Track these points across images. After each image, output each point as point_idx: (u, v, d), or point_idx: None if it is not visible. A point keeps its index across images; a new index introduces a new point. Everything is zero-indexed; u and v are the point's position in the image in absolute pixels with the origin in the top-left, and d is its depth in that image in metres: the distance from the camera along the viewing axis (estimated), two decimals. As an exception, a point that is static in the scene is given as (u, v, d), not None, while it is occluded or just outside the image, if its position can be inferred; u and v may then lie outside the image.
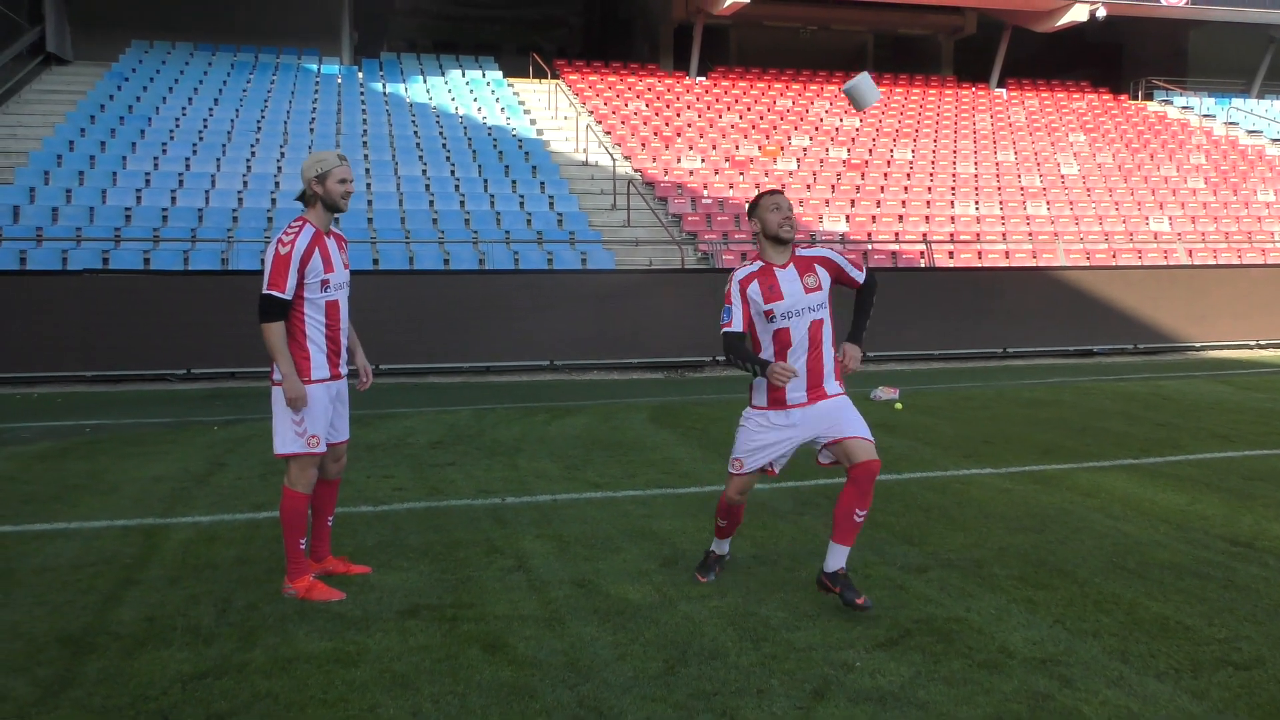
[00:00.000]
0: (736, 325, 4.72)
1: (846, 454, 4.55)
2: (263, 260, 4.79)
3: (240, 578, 5.14)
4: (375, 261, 16.18)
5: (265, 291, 4.71)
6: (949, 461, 8.11)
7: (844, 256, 4.87)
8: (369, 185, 18.93)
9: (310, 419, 4.80)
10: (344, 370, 5.01)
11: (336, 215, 5.01)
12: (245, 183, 18.64)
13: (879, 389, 11.95)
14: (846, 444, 4.55)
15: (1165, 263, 19.88)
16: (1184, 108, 30.28)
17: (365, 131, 21.67)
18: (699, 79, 27.80)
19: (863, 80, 5.18)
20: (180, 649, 4.20)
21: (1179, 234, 21.39)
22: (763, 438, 4.74)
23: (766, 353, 4.73)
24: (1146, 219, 21.98)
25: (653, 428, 9.89)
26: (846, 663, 4.01)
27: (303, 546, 4.89)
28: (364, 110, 22.89)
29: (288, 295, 4.73)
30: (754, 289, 4.69)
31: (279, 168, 19.45)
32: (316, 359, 4.83)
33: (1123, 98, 30.80)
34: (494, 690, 3.79)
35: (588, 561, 5.40)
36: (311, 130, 21.33)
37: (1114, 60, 33.98)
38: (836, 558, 4.56)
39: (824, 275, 4.71)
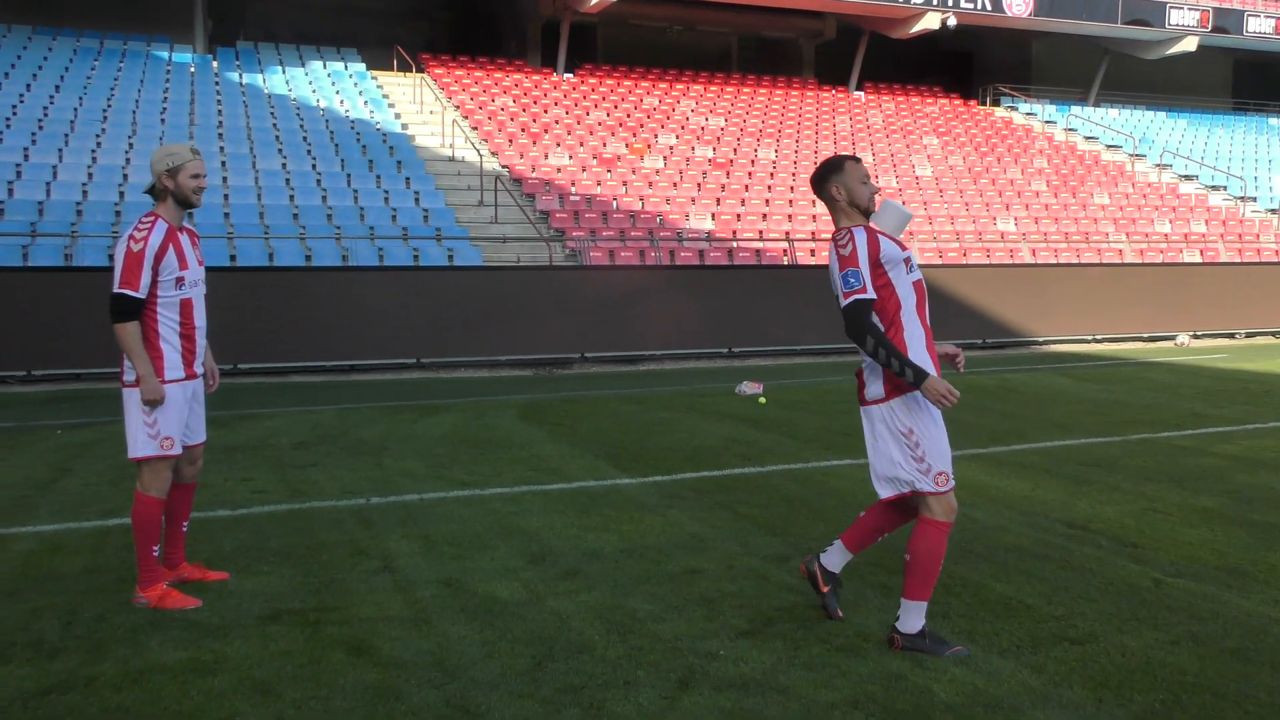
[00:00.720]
0: (870, 291, 3.89)
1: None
2: (113, 258, 4.59)
3: (88, 588, 4.92)
4: (233, 258, 15.64)
5: (117, 290, 4.53)
6: (811, 454, 8.35)
7: None
8: (225, 179, 18.27)
9: (164, 421, 4.64)
10: (199, 370, 4.86)
11: (189, 210, 4.84)
12: (90, 175, 17.76)
13: (744, 384, 12.28)
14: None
15: (1011, 261, 20.86)
16: (1028, 114, 31.81)
17: (221, 123, 20.92)
18: (566, 76, 27.78)
19: (889, 208, 4.34)
20: (22, 665, 4.00)
21: (1023, 234, 22.48)
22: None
23: (911, 339, 4.00)
24: (994, 219, 23.02)
25: (522, 425, 9.87)
26: (711, 652, 4.10)
27: (156, 554, 4.72)
28: (219, 101, 22.08)
29: (141, 294, 4.56)
30: (887, 248, 3.95)
31: (127, 159, 18.59)
32: (170, 359, 4.67)
33: (972, 103, 32.16)
34: (359, 693, 3.74)
35: (455, 560, 5.37)
36: (163, 121, 20.46)
37: (965, 67, 35.44)
38: (838, 557, 4.44)
39: None
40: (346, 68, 25.71)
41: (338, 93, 23.98)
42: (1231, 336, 20.33)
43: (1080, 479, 7.26)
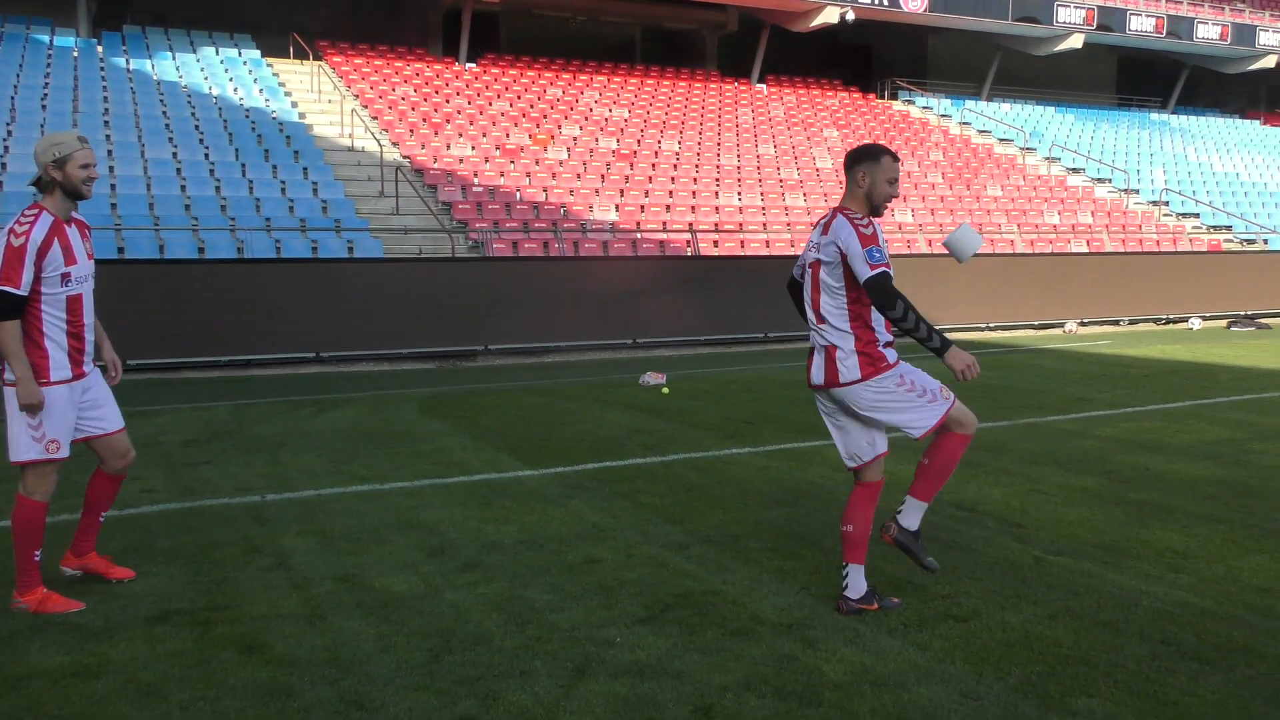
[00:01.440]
0: (890, 267, 4.20)
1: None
2: None
3: (-38, 594, 4.73)
4: (121, 250, 15.12)
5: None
6: (712, 442, 8.45)
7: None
8: (112, 168, 17.63)
9: (50, 423, 4.46)
10: (88, 367, 4.66)
11: (77, 202, 4.65)
12: (-34, 163, 16.97)
13: (647, 374, 12.35)
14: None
15: (908, 252, 21.36)
16: (924, 107, 32.57)
17: (107, 110, 20.17)
18: (469, 65, 27.49)
19: (964, 233, 4.51)
20: (-110, 675, 3.83)
21: (920, 225, 23.03)
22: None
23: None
24: (893, 211, 23.50)
25: (424, 419, 9.78)
26: (608, 640, 4.13)
27: (37, 558, 4.55)
28: (105, 87, 21.28)
29: (22, 291, 4.33)
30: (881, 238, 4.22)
31: (5, 148, 17.81)
32: (57, 358, 4.47)
33: (871, 97, 32.80)
34: (249, 692, 3.67)
35: (352, 556, 5.31)
36: (44, 108, 19.64)
37: (864, 61, 36.12)
38: (914, 514, 4.58)
39: None
40: (241, 54, 25.02)
41: (231, 80, 23.33)
42: (1116, 324, 21.17)
43: (970, 463, 7.47)
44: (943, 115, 32.01)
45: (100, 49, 23.35)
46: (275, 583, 4.89)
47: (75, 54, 22.81)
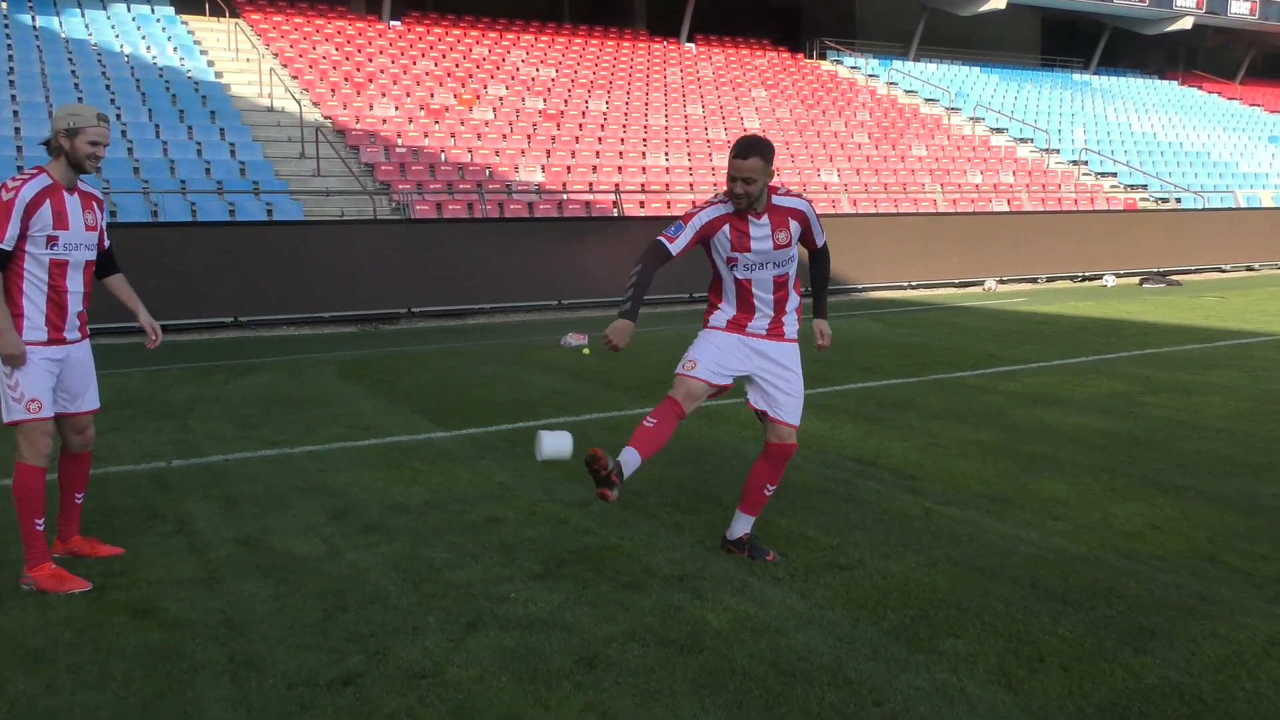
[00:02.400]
0: (676, 248, 4.49)
1: (772, 429, 4.59)
2: None
3: None
4: (28, 214, 14.69)
5: None
6: (628, 402, 8.55)
7: (815, 214, 4.63)
8: (18, 129, 17.10)
9: (25, 382, 4.35)
10: (73, 336, 4.53)
11: (81, 174, 4.51)
12: None
13: (569, 335, 12.40)
14: (773, 423, 4.57)
15: (833, 211, 21.59)
16: (852, 68, 32.78)
17: (12, 70, 19.47)
18: (393, 23, 27.01)
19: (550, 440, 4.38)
20: None
21: (845, 185, 23.27)
22: (722, 346, 4.58)
23: (726, 291, 4.65)
24: (818, 170, 23.73)
25: (340, 382, 9.74)
26: (502, 595, 4.23)
27: (40, 527, 4.42)
28: (9, 45, 20.54)
29: (5, 245, 4.25)
30: (722, 233, 4.48)
31: (-95, 108, 17.15)
32: (33, 318, 4.37)
33: (800, 57, 32.90)
34: (139, 654, 3.70)
35: (255, 520, 5.32)
36: (-55, 66, 18.94)
37: (793, 21, 36.18)
38: (741, 525, 4.67)
39: (795, 229, 4.50)
40: (154, 11, 24.28)
41: (144, 38, 22.65)
42: (1034, 281, 21.66)
43: (875, 418, 7.70)
44: (870, 75, 32.24)
45: (4, 5, 22.50)
46: (174, 548, 4.89)
47: (-22, 10, 21.97)
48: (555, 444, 4.31)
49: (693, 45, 31.02)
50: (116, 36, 22.31)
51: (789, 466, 6.21)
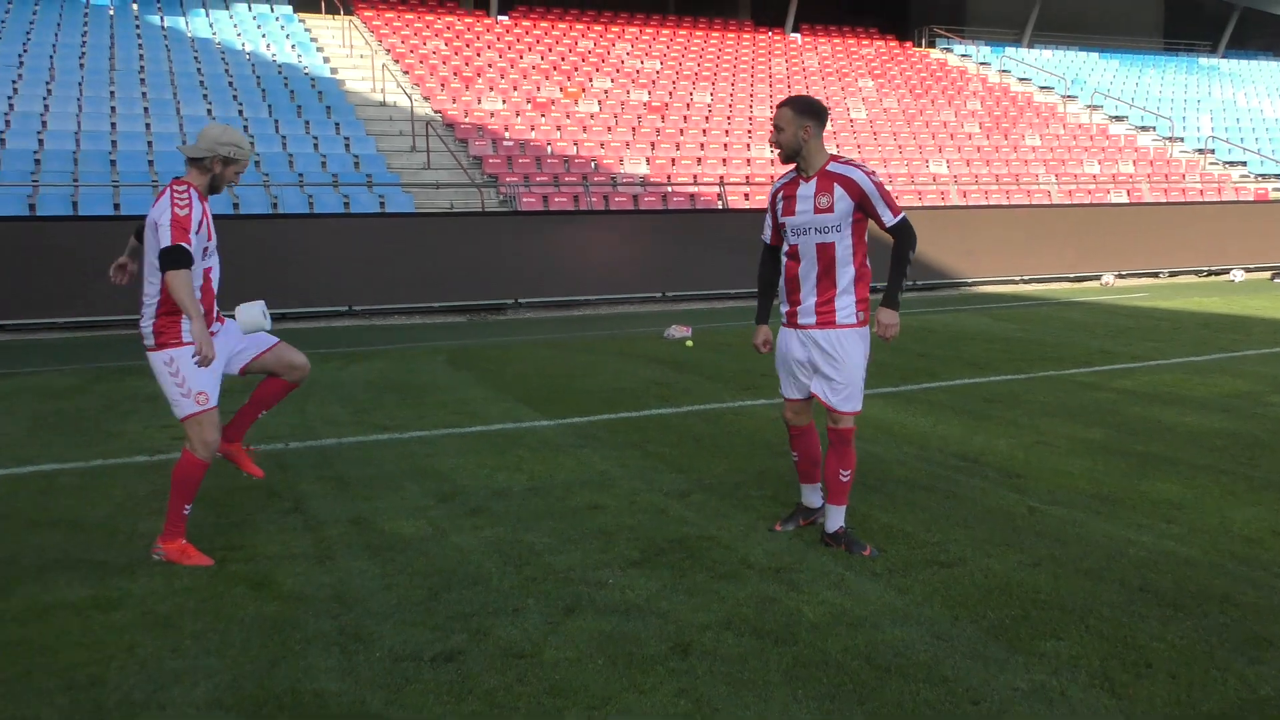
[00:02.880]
0: (767, 234, 4.85)
1: (827, 413, 4.66)
2: (154, 222, 4.48)
3: (1, 533, 5.01)
4: (157, 206, 15.40)
5: (172, 243, 4.40)
6: (728, 395, 8.56)
7: (877, 188, 4.51)
8: (148, 125, 17.93)
9: (192, 378, 4.57)
10: (215, 326, 4.73)
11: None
12: (7, 122, 17.30)
13: (672, 327, 12.46)
14: (824, 407, 4.66)
15: (941, 203, 21.18)
16: (963, 55, 32.04)
17: (143, 68, 20.43)
18: (500, 18, 27.44)
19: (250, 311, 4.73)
20: (-73, 607, 4.09)
21: (954, 176, 22.79)
22: (787, 355, 4.74)
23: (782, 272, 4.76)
24: (926, 162, 23.29)
25: (449, 370, 9.98)
26: (600, 581, 4.30)
27: (186, 512, 4.65)
28: (140, 46, 21.54)
29: (194, 249, 4.50)
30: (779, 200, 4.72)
31: (45, 106, 18.12)
32: (188, 322, 4.56)
33: (908, 45, 32.32)
34: (256, 624, 3.89)
35: (366, 500, 5.52)
36: (82, 66, 19.94)
37: (901, 8, 35.55)
38: (833, 518, 4.67)
39: (842, 197, 4.46)
40: (273, 10, 25.17)
41: (264, 36, 23.50)
42: (1155, 276, 20.91)
43: (980, 414, 7.56)
44: (981, 63, 31.47)
45: (135, 6, 23.60)
46: (290, 525, 5.11)
47: (111, 12, 23.08)
48: (249, 317, 4.66)
49: (798, 35, 30.74)
50: (238, 35, 23.19)
51: (890, 462, 6.20)
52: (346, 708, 3.26)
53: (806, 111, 4.48)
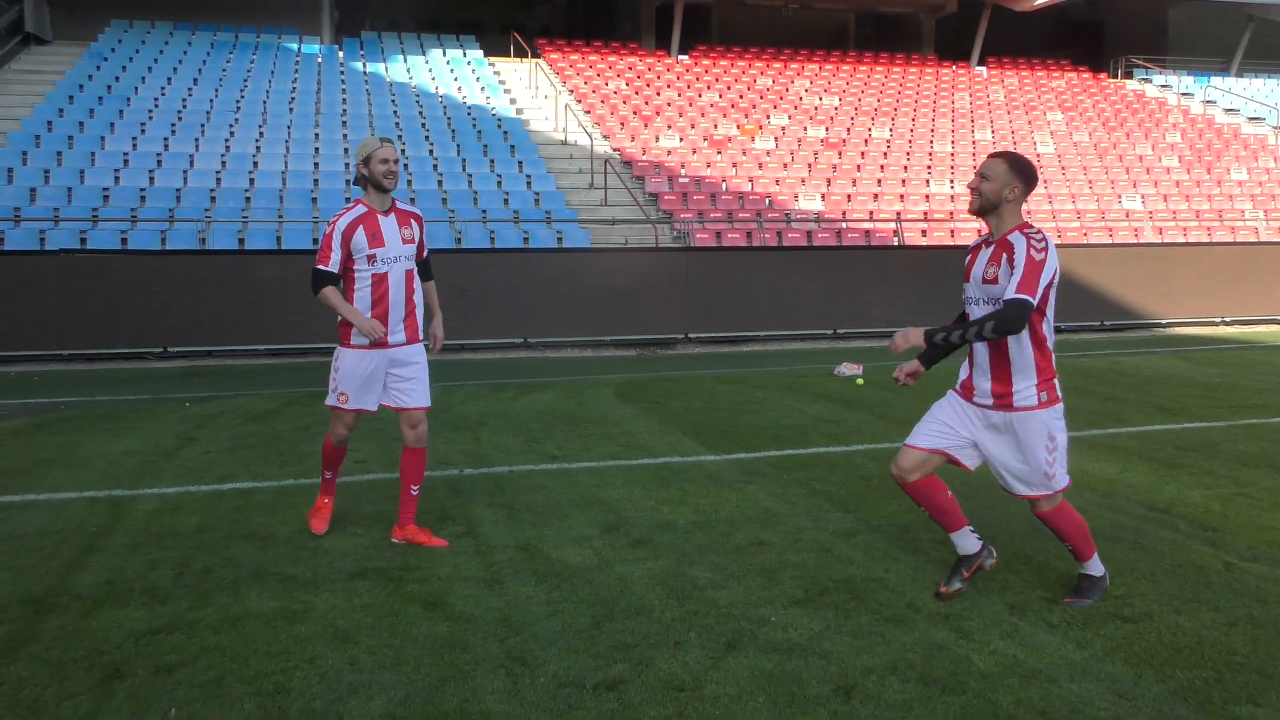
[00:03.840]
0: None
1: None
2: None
3: (200, 544, 5.38)
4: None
5: (314, 266, 5.16)
6: (899, 434, 8.30)
7: (1027, 259, 4.07)
8: (347, 165, 19.07)
9: (343, 378, 5.26)
10: (396, 339, 5.25)
11: (388, 192, 5.25)
12: (224, 163, 18.75)
13: (843, 365, 12.28)
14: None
15: (1135, 240, 20.14)
16: (1163, 86, 30.48)
17: (345, 111, 21.77)
18: (680, 58, 27.90)
19: None
20: (136, 609, 4.43)
21: (1150, 212, 21.64)
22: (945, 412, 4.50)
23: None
24: (1119, 197, 22.23)
25: (617, 403, 10.13)
26: (762, 618, 4.26)
27: (328, 477, 5.55)
28: (344, 90, 22.97)
29: (331, 268, 5.14)
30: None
31: (257, 147, 19.56)
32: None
33: (1102, 76, 30.99)
34: (429, 643, 4.04)
35: (534, 528, 5.65)
36: (291, 110, 21.42)
37: (1095, 39, 34.15)
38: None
39: (1004, 268, 4.13)
40: (465, 55, 26.39)
41: (455, 79, 24.65)
42: (1377, 319, 19.23)
43: (1172, 463, 7.12)
44: (1183, 93, 29.84)
45: (341, 54, 25.20)
46: (462, 548, 5.29)
47: (319, 60, 24.72)
48: None
49: (984, 69, 29.96)
50: (432, 78, 24.40)
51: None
52: (509, 728, 3.34)
53: (1019, 170, 4.18)
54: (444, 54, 26.21)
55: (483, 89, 24.31)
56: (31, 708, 3.53)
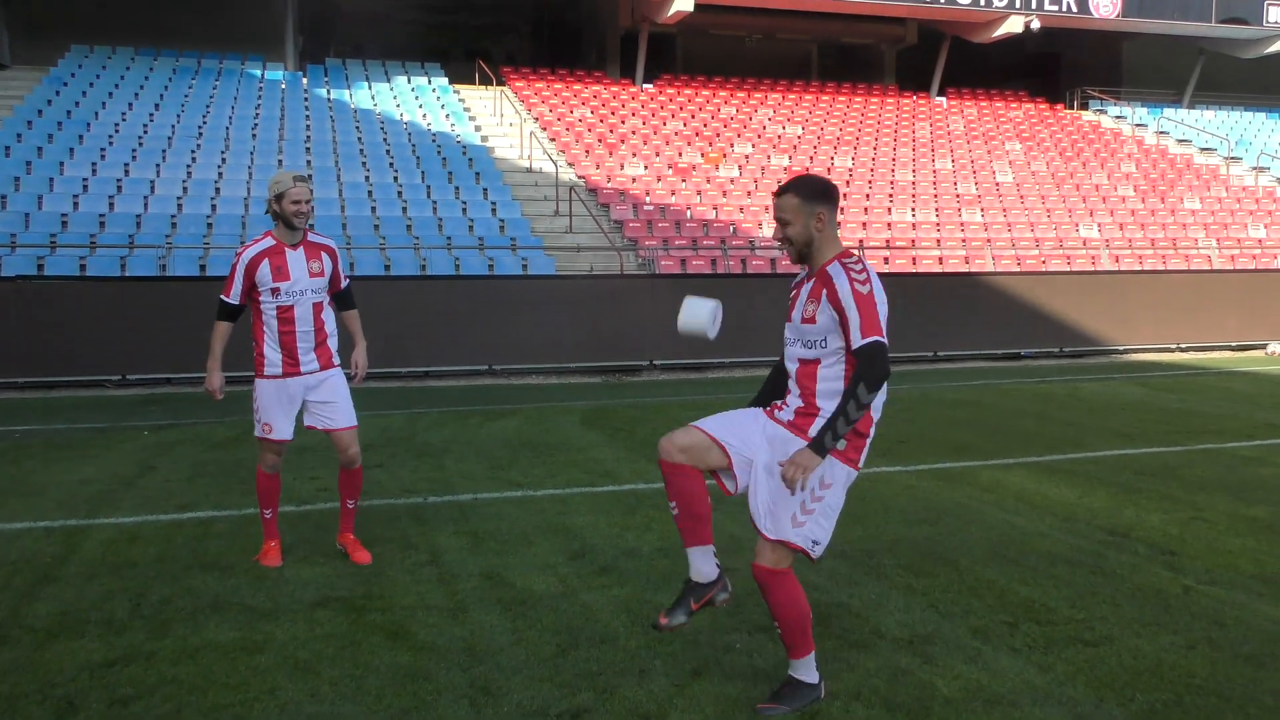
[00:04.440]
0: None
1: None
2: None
3: (158, 574, 5.30)
4: (316, 267, 16.22)
5: (219, 296, 5.32)
6: (868, 462, 8.39)
7: (856, 297, 3.51)
8: (310, 191, 18.97)
9: (263, 409, 5.41)
10: (310, 368, 5.41)
11: (297, 230, 5.34)
12: (185, 189, 18.59)
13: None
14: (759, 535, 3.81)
15: (1092, 268, 20.47)
16: (1117, 117, 31.09)
17: (309, 138, 21.68)
18: (645, 86, 28.09)
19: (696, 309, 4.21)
20: (91, 640, 4.35)
21: (1107, 240, 22.01)
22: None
23: None
24: (1076, 225, 22.59)
25: (582, 430, 10.11)
26: (728, 645, 4.27)
27: (268, 515, 5.53)
28: (308, 117, 22.89)
29: (232, 299, 5.30)
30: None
31: (219, 174, 19.42)
32: (270, 357, 5.38)
33: (1059, 107, 31.57)
34: (391, 673, 4.00)
35: (498, 556, 5.62)
36: (254, 136, 21.31)
37: (1052, 70, 34.78)
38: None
39: (824, 307, 3.58)
40: (430, 82, 26.40)
41: (420, 106, 24.65)
42: (1327, 345, 19.61)
43: (1131, 487, 7.21)
44: (1138, 124, 30.45)
45: (305, 81, 25.13)
46: (426, 577, 5.25)
47: (283, 86, 24.63)
48: (695, 315, 4.16)
49: (943, 99, 30.43)
50: (397, 105, 24.39)
51: (1032, 534, 5.96)
52: (472, 759, 3.31)
53: (813, 195, 3.61)
54: (409, 81, 26.21)
55: (448, 116, 24.32)
56: (-18, 744, 3.45)
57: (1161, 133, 30.00)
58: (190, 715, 3.65)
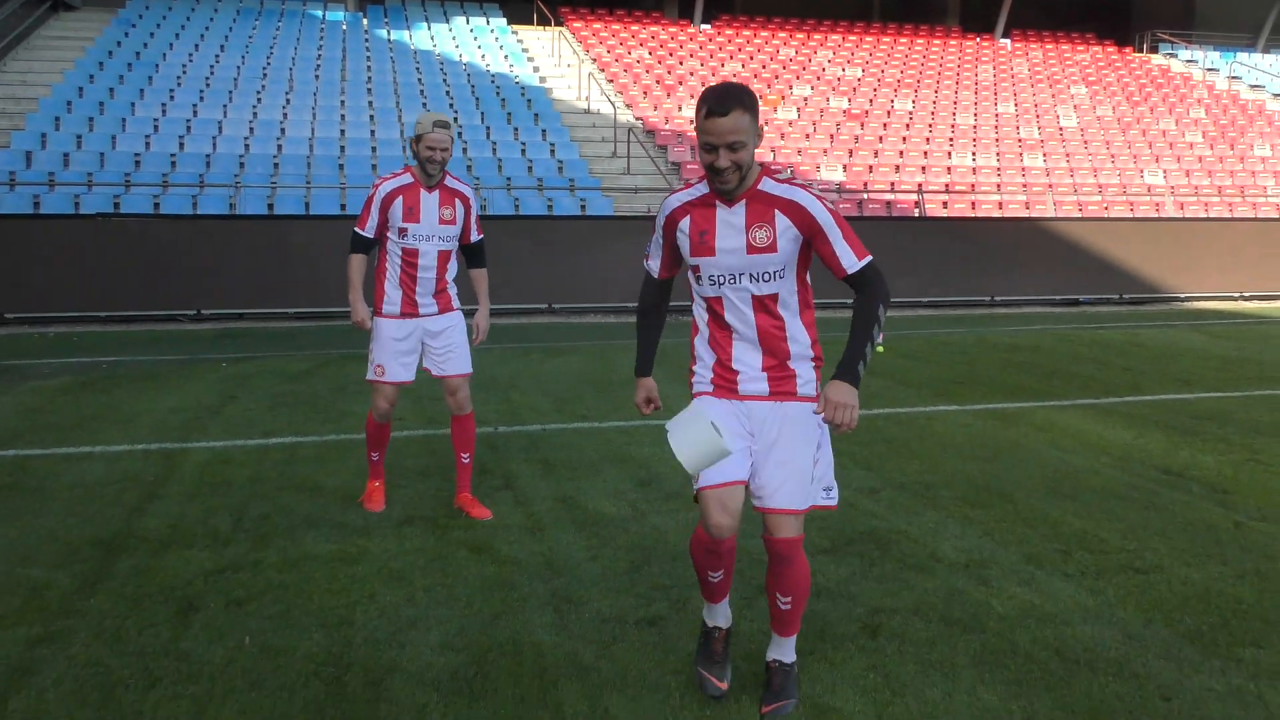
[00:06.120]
0: (654, 266, 3.62)
1: (765, 523, 3.34)
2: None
3: (254, 493, 5.65)
4: (380, 207, 16.55)
5: (354, 228, 5.20)
6: (919, 400, 8.57)
7: (834, 218, 3.14)
8: (373, 132, 19.26)
9: (378, 350, 5.23)
10: (428, 311, 5.22)
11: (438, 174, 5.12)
12: (251, 129, 18.96)
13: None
14: (767, 517, 3.32)
15: (1156, 215, 20.18)
16: (1188, 61, 30.30)
17: (369, 79, 21.93)
18: (703, 27, 27.89)
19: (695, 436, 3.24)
20: (201, 550, 4.71)
21: (1172, 187, 21.65)
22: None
23: (700, 328, 3.49)
24: (1141, 172, 22.22)
25: (643, 368, 10.34)
26: (792, 565, 4.50)
27: (375, 458, 5.45)
28: (368, 58, 23.12)
29: (367, 232, 5.14)
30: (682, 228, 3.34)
31: (284, 114, 19.75)
32: (390, 294, 5.20)
33: (1127, 50, 30.82)
34: (479, 583, 4.30)
35: (570, 482, 5.91)
36: (317, 77, 21.59)
37: (1122, 13, 33.91)
38: (774, 647, 3.45)
39: (785, 229, 3.12)
40: (488, 22, 26.46)
41: (479, 47, 24.75)
42: (1397, 296, 19.23)
43: (1187, 430, 7.31)
44: (1209, 69, 29.67)
45: (365, 22, 25.32)
46: (502, 500, 5.54)
47: (344, 27, 24.84)
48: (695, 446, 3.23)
49: (1008, 41, 29.85)
50: (456, 47, 24.51)
51: (1085, 471, 6.12)
52: (562, 658, 3.60)
53: (757, 108, 3.08)
54: (467, 22, 26.29)
55: (506, 57, 24.41)
56: (115, 635, 3.80)
57: (1234, 78, 29.22)
58: (299, 615, 3.97)
